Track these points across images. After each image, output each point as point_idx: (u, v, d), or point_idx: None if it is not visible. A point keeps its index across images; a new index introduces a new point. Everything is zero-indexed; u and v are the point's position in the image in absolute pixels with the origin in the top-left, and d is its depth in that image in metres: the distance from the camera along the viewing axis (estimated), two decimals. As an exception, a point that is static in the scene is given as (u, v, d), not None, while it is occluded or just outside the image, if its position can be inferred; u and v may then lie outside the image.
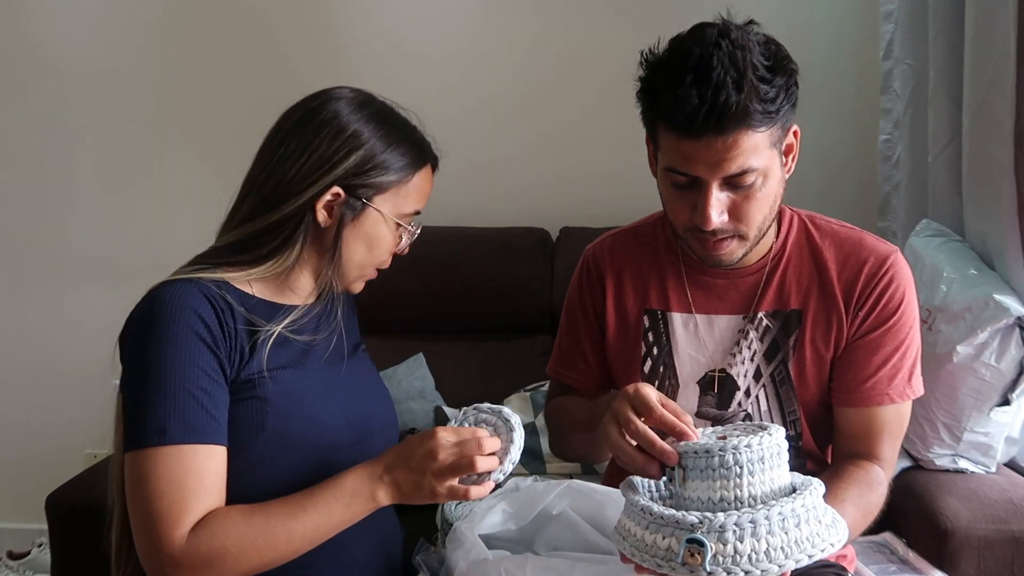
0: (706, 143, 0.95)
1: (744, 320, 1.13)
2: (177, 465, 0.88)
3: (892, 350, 1.08)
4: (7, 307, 2.44)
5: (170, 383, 0.89)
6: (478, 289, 2.09)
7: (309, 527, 0.90)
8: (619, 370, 1.21)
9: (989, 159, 1.47)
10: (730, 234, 1.03)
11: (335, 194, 0.98)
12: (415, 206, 1.05)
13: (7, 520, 2.47)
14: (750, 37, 0.96)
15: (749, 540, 0.71)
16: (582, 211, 2.24)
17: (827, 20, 2.21)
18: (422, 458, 0.90)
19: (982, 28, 1.48)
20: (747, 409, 1.13)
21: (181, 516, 0.87)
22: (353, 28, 2.31)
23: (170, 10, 2.32)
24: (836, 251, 1.11)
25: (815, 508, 0.77)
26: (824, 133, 2.20)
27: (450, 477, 0.89)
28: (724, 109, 0.92)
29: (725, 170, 0.96)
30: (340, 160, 0.98)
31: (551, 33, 2.28)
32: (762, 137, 0.96)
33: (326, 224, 0.99)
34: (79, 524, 1.48)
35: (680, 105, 0.93)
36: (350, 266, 1.03)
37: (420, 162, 1.04)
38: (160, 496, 0.87)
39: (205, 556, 0.87)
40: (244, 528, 0.89)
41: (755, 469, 0.79)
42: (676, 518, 0.74)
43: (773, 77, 0.94)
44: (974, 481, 1.44)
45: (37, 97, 2.37)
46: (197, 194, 2.33)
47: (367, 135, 1.00)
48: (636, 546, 0.77)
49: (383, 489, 0.92)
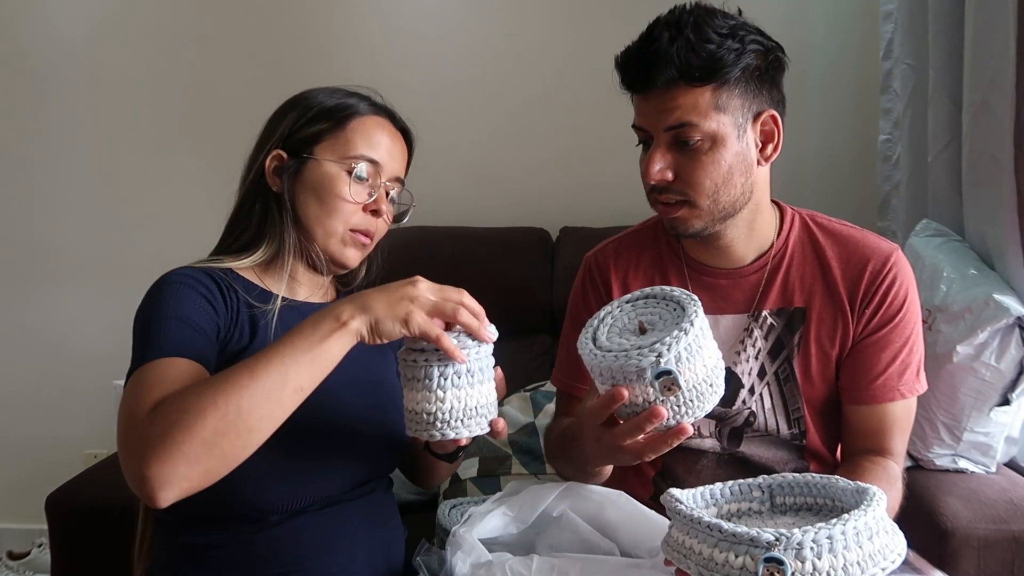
0: (650, 97, 1.02)
1: (749, 319, 1.13)
2: (156, 371, 0.84)
3: (900, 346, 1.09)
4: (7, 307, 2.44)
5: (165, 317, 0.90)
6: (478, 289, 2.06)
7: (273, 360, 0.79)
8: None
9: (989, 159, 1.47)
10: (678, 197, 1.05)
11: (278, 156, 1.02)
12: (362, 150, 1.03)
13: (7, 520, 2.47)
14: (717, 9, 1.02)
15: (827, 556, 0.70)
16: (582, 211, 2.25)
17: (827, 20, 2.21)
18: (402, 284, 0.84)
19: (982, 28, 1.48)
20: (751, 407, 1.13)
21: (145, 398, 0.80)
22: (353, 29, 2.31)
23: (171, 11, 2.32)
24: (839, 250, 1.12)
25: (884, 519, 0.75)
26: (824, 133, 2.21)
27: (428, 311, 0.82)
28: (653, 58, 0.99)
29: (664, 121, 1.01)
30: (276, 126, 1.04)
31: (552, 34, 2.28)
32: (704, 96, 1.00)
33: (277, 188, 1.02)
34: (79, 524, 1.48)
35: (623, 57, 1.03)
36: (310, 223, 1.03)
37: (364, 112, 1.05)
38: (130, 397, 0.82)
39: (164, 417, 0.76)
40: (204, 383, 0.80)
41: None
42: (750, 536, 0.71)
43: (723, 40, 0.99)
44: (974, 481, 1.44)
45: (37, 97, 2.37)
46: (197, 194, 2.33)
47: (307, 98, 1.05)
48: (704, 565, 0.74)
49: (350, 308, 0.82)
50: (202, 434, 0.75)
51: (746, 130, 1.03)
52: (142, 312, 0.94)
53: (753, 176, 1.06)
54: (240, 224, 1.05)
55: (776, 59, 1.05)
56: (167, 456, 0.74)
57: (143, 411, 0.78)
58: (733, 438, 1.15)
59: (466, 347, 0.84)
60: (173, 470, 0.74)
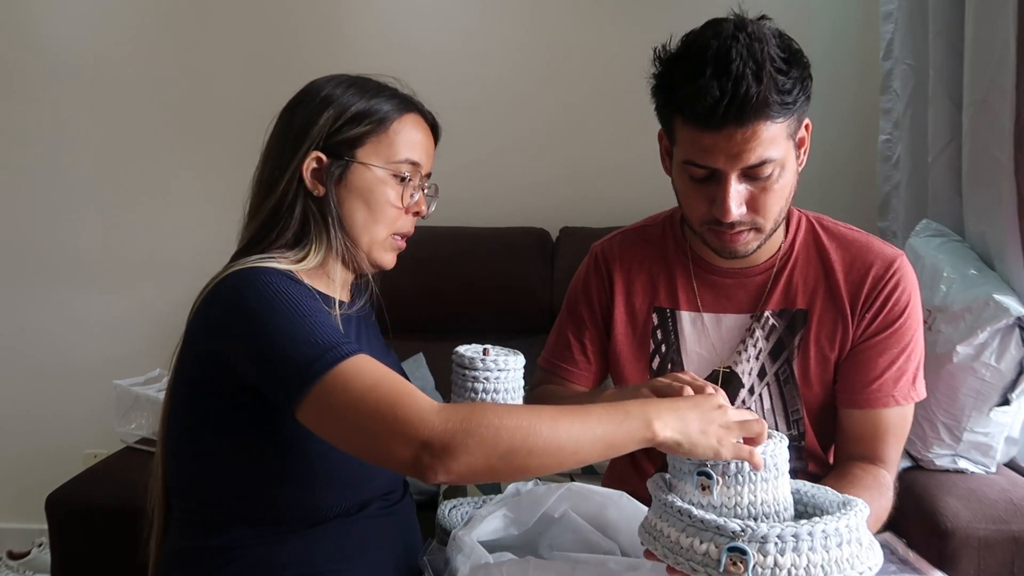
0: (726, 135, 0.95)
1: (751, 319, 1.14)
2: (369, 365, 0.84)
3: (898, 352, 1.09)
4: (8, 307, 2.44)
5: (311, 311, 0.87)
6: (478, 289, 2.09)
7: (576, 424, 0.80)
8: (626, 366, 1.22)
9: (989, 159, 1.47)
10: (748, 226, 1.03)
11: (317, 159, 0.98)
12: (407, 154, 1.01)
13: (7, 520, 2.47)
14: (765, 30, 0.97)
15: (790, 554, 0.70)
16: (582, 211, 2.25)
17: (827, 20, 2.21)
18: (711, 407, 0.84)
19: (982, 28, 1.48)
20: (750, 407, 1.14)
21: (413, 390, 0.82)
22: (353, 27, 2.31)
23: (172, 10, 2.32)
24: (843, 253, 1.12)
25: (857, 529, 0.75)
26: (824, 133, 2.19)
27: (737, 434, 0.83)
28: (745, 100, 0.93)
29: (744, 161, 0.97)
30: (313, 124, 0.98)
31: (551, 32, 2.28)
32: (780, 128, 0.97)
33: (318, 192, 0.99)
34: (79, 524, 1.48)
35: (701, 97, 0.93)
36: (356, 230, 1.00)
37: (400, 110, 1.02)
38: (377, 386, 0.81)
39: (465, 423, 0.78)
40: (506, 410, 0.82)
41: (768, 476, 0.79)
42: (717, 524, 0.72)
43: (790, 69, 0.95)
44: (974, 481, 1.44)
45: (38, 97, 2.37)
46: (198, 194, 2.34)
47: (338, 95, 1.00)
48: (670, 548, 0.75)
49: (663, 418, 0.82)
50: (497, 451, 0.79)
51: (795, 144, 1.03)
52: (258, 312, 0.87)
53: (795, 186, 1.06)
54: (278, 226, 0.98)
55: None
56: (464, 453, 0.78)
57: (423, 408, 0.79)
58: (733, 437, 1.15)
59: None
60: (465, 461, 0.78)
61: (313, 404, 0.82)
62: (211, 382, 0.92)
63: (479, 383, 1.02)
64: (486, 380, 1.03)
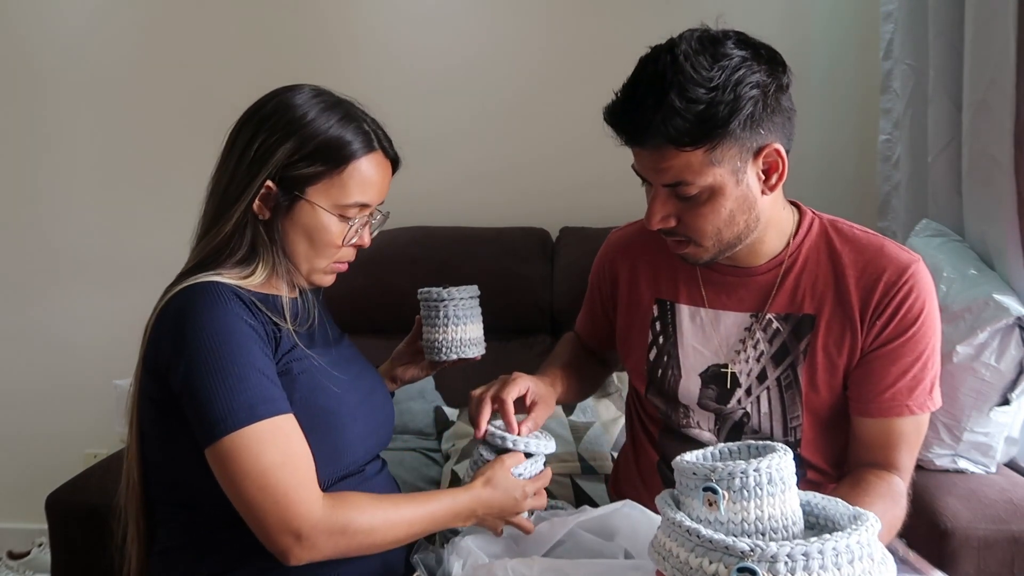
0: (639, 152, 1.01)
1: (752, 319, 1.13)
2: (279, 435, 0.91)
3: (911, 361, 1.06)
4: (7, 307, 2.44)
5: (239, 365, 0.91)
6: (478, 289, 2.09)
7: (425, 519, 0.98)
8: (626, 353, 1.24)
9: (989, 159, 1.47)
10: (682, 238, 1.05)
11: (268, 188, 0.99)
12: (357, 198, 1.01)
13: (7, 520, 2.47)
14: (707, 55, 0.93)
15: (801, 573, 0.68)
16: (582, 211, 2.25)
17: (827, 20, 2.21)
18: (514, 513, 1.05)
19: (982, 28, 1.48)
20: (746, 408, 1.13)
21: (310, 482, 0.92)
22: (351, 29, 2.31)
23: (169, 10, 2.32)
24: (855, 257, 1.09)
25: (869, 544, 0.73)
26: (824, 133, 2.21)
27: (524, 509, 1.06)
28: (639, 125, 0.95)
29: (660, 179, 1.00)
30: (271, 154, 0.99)
31: (551, 35, 2.28)
32: (695, 157, 0.96)
33: (263, 216, 1.01)
34: (79, 524, 1.48)
35: (610, 114, 1.00)
36: (298, 259, 1.03)
37: (361, 150, 1.01)
38: (279, 468, 0.89)
39: (341, 525, 0.92)
40: (375, 507, 0.96)
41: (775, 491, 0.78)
42: (726, 544, 0.70)
43: (712, 95, 0.92)
44: (974, 481, 1.44)
45: (36, 97, 2.37)
46: (197, 194, 2.33)
47: (305, 122, 0.99)
48: (679, 568, 0.74)
49: (481, 518, 1.03)
50: (352, 550, 0.95)
51: (745, 172, 0.99)
52: (196, 353, 0.91)
53: (757, 209, 1.03)
54: (228, 248, 1.01)
55: (778, 88, 0.97)
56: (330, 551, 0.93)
57: (314, 506, 0.91)
58: (732, 435, 1.15)
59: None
60: (326, 555, 0.93)
61: (218, 456, 0.89)
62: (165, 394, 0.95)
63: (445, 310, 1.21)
64: (447, 307, 1.20)
